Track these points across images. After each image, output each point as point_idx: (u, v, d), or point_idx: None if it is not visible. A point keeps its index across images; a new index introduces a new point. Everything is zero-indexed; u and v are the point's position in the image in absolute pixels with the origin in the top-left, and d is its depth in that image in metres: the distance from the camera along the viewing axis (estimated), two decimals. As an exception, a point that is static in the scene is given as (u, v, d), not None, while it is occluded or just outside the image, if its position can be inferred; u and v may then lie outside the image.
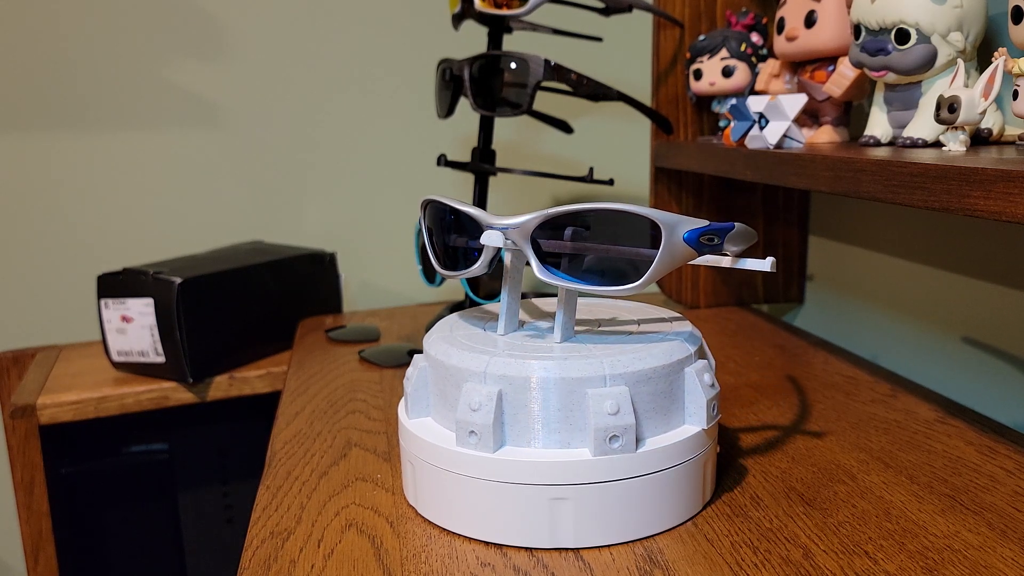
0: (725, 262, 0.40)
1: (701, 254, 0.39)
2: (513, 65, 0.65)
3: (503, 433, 0.38)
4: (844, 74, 0.60)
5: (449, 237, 0.44)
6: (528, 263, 0.41)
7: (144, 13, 0.86)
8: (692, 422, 0.40)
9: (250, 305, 0.77)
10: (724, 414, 0.54)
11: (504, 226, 0.40)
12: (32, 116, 0.85)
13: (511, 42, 0.94)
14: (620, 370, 0.38)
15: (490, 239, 0.40)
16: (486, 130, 0.71)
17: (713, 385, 0.40)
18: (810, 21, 0.60)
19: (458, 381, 0.39)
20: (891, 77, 0.53)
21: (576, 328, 0.44)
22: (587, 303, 0.50)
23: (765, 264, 0.39)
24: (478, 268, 0.42)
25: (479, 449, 0.38)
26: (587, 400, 0.37)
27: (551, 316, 0.47)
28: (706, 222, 0.38)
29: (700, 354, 0.42)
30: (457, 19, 0.69)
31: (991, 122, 0.50)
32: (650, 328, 0.44)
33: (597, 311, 0.48)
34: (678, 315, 0.46)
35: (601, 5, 0.72)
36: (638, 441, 0.38)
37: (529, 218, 0.39)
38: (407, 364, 0.67)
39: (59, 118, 0.86)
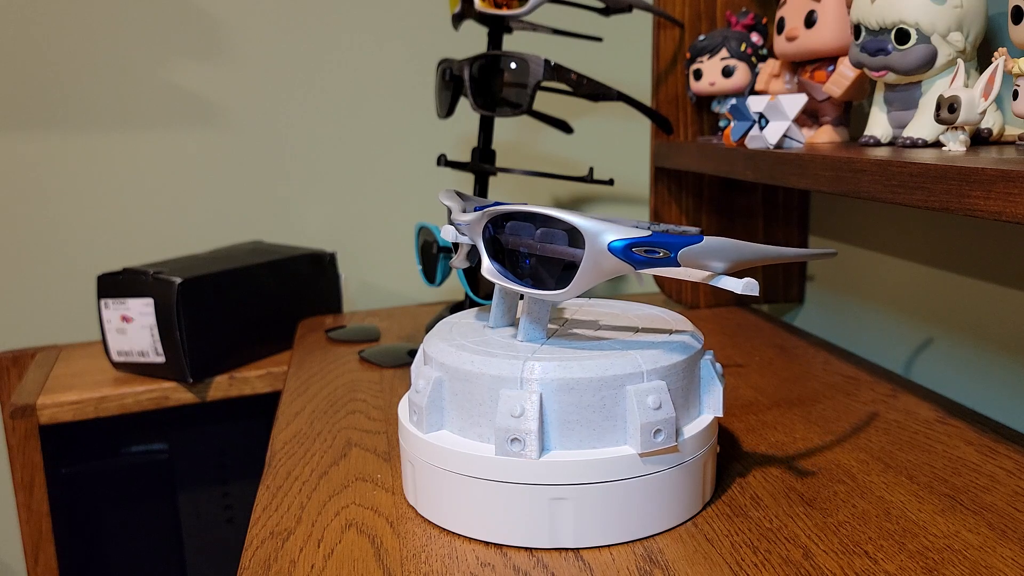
0: (696, 276, 0.38)
1: (637, 266, 0.37)
2: (513, 65, 0.65)
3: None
4: (844, 74, 0.60)
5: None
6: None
7: (144, 13, 0.86)
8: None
9: (250, 305, 0.77)
10: (724, 414, 0.54)
11: (460, 222, 0.41)
12: (32, 116, 0.85)
13: (511, 42, 0.94)
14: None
15: (447, 233, 0.42)
16: (486, 130, 0.71)
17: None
18: (810, 21, 0.60)
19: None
20: (891, 77, 0.53)
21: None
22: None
23: (738, 285, 0.36)
24: (457, 260, 0.44)
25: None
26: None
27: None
28: (642, 233, 0.36)
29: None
30: (457, 19, 0.69)
31: (991, 122, 0.50)
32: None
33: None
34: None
35: (601, 5, 0.72)
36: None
37: (476, 216, 0.40)
38: (407, 364, 0.67)
39: (59, 118, 0.86)
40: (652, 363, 0.38)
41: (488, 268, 0.40)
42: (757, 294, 0.37)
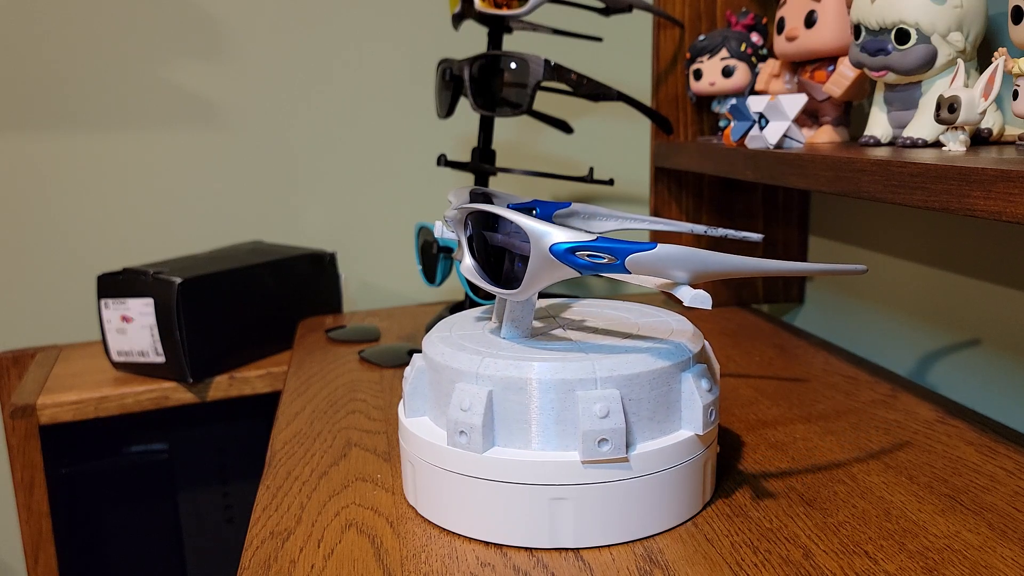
0: (656, 283, 0.38)
1: (581, 270, 0.37)
2: (513, 65, 0.65)
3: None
4: (844, 74, 0.60)
5: None
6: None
7: (144, 13, 0.86)
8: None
9: (250, 305, 0.77)
10: (724, 414, 0.54)
11: (448, 218, 0.42)
12: (33, 116, 0.85)
13: (511, 42, 0.94)
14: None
15: (437, 229, 0.44)
16: (486, 130, 0.71)
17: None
18: (810, 21, 0.60)
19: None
20: (891, 77, 0.53)
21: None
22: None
23: (687, 296, 0.35)
24: (458, 254, 0.45)
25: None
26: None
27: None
28: (586, 237, 0.36)
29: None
30: (457, 19, 0.69)
31: (991, 122, 0.50)
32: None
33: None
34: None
35: (601, 5, 0.72)
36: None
37: (455, 213, 0.41)
38: (407, 364, 0.67)
39: (59, 118, 0.86)
40: (609, 371, 0.37)
41: (465, 265, 0.41)
42: (708, 307, 0.35)
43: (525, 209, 0.49)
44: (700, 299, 0.35)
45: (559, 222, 0.49)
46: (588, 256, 0.36)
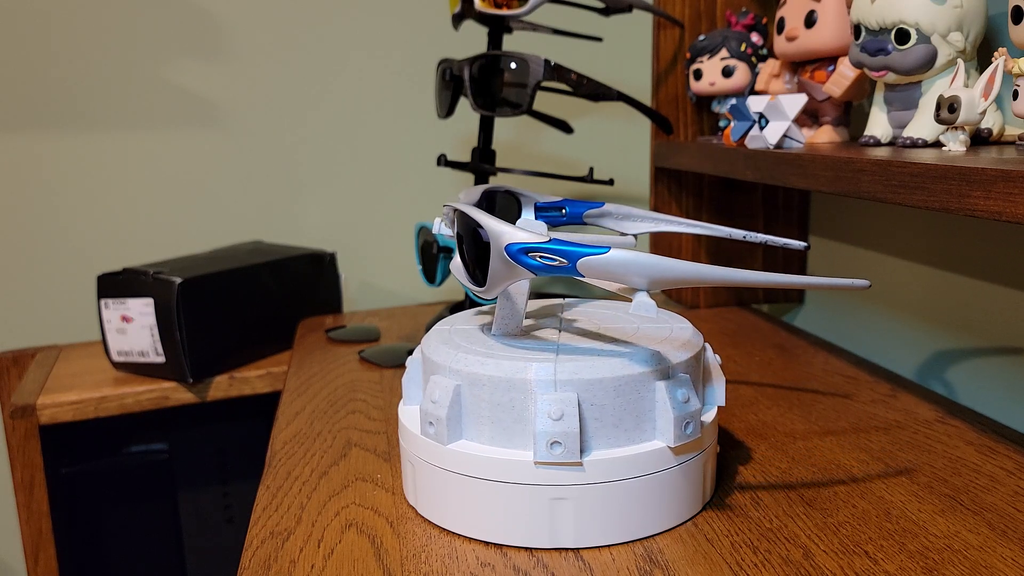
0: (613, 287, 0.38)
1: (535, 271, 0.36)
2: (513, 65, 0.65)
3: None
4: (844, 74, 0.60)
5: None
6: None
7: (144, 13, 0.86)
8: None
9: (250, 305, 0.77)
10: (724, 414, 0.54)
11: (445, 215, 0.43)
12: (32, 116, 0.85)
13: (511, 42, 0.94)
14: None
15: (435, 226, 0.45)
16: (486, 130, 0.71)
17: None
18: (810, 21, 0.60)
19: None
20: (891, 77, 0.53)
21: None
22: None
23: (641, 305, 0.34)
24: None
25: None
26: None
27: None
28: (539, 238, 0.35)
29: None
30: (457, 19, 0.69)
31: (991, 122, 0.50)
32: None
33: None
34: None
35: (601, 5, 0.72)
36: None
37: (447, 210, 0.42)
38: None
39: (59, 118, 0.86)
40: (570, 374, 0.37)
41: (454, 263, 0.42)
42: (652, 315, 0.34)
43: (554, 208, 0.48)
44: (643, 307, 0.34)
45: (589, 222, 0.48)
46: (540, 258, 0.35)
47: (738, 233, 0.46)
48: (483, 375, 0.38)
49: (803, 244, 0.46)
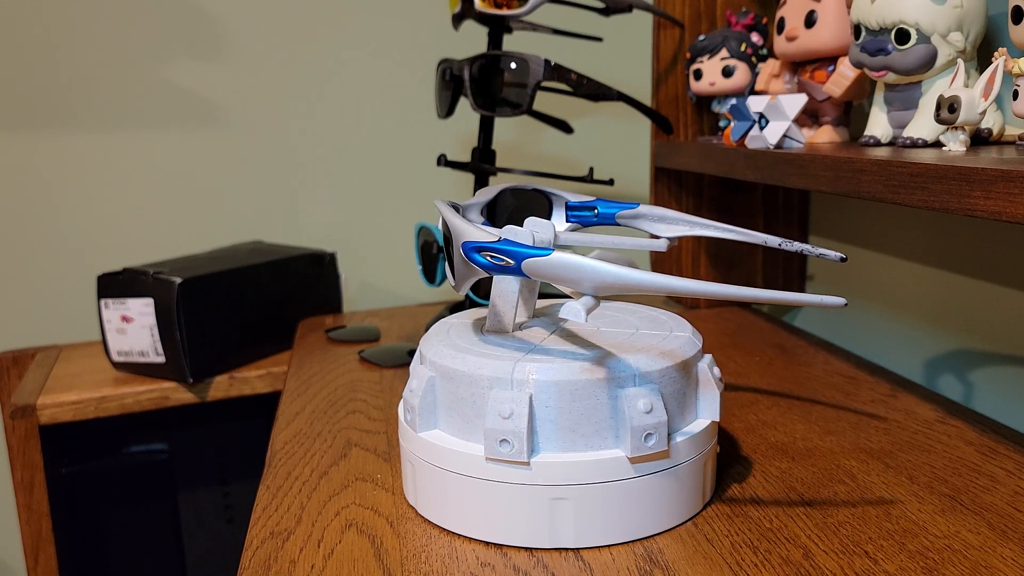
0: (566, 289, 0.38)
1: (487, 271, 0.37)
2: (513, 65, 0.65)
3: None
4: (844, 74, 0.60)
5: None
6: None
7: (143, 13, 0.86)
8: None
9: (250, 305, 0.77)
10: (724, 414, 0.54)
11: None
12: (32, 116, 0.85)
13: (511, 42, 0.94)
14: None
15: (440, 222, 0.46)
16: (486, 130, 0.71)
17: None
18: (810, 21, 0.60)
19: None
20: (891, 77, 0.53)
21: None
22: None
23: (569, 310, 0.34)
24: None
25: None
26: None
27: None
28: (489, 238, 0.36)
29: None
30: (457, 19, 0.69)
31: (991, 122, 0.50)
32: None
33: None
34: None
35: (601, 5, 0.72)
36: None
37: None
38: (407, 364, 0.67)
39: (59, 118, 0.86)
40: (527, 374, 0.37)
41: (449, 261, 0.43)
42: (580, 320, 0.34)
43: (586, 208, 0.48)
44: (572, 312, 0.34)
45: (623, 223, 0.48)
46: (491, 257, 0.36)
47: (773, 240, 0.44)
48: (451, 369, 0.39)
49: (840, 256, 0.43)
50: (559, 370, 0.37)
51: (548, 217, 0.49)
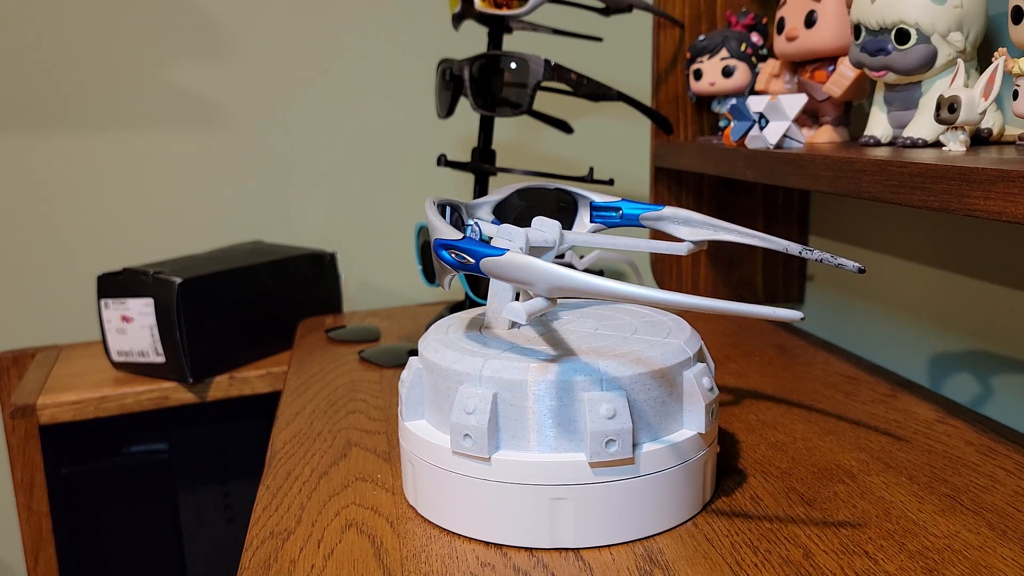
0: (531, 291, 0.38)
1: (453, 268, 0.37)
2: (513, 65, 0.65)
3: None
4: (844, 74, 0.60)
5: None
6: None
7: (144, 13, 0.86)
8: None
9: (250, 305, 0.77)
10: (724, 414, 0.54)
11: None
12: (32, 116, 0.85)
13: (511, 42, 0.94)
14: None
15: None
16: (486, 130, 0.71)
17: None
18: (810, 21, 0.60)
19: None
20: (891, 77, 0.53)
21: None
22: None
23: (511, 310, 0.34)
24: None
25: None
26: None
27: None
28: (455, 236, 0.36)
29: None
30: (457, 19, 0.69)
31: (991, 122, 0.50)
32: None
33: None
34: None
35: (601, 5, 0.72)
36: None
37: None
38: (407, 364, 0.67)
39: (59, 118, 0.86)
40: (493, 371, 0.38)
41: None
42: (521, 321, 0.34)
43: (611, 209, 0.47)
44: (514, 312, 0.34)
45: (647, 225, 0.47)
46: (455, 255, 0.37)
47: (795, 248, 0.43)
48: (432, 362, 0.40)
49: (858, 266, 0.42)
50: (522, 370, 0.37)
51: (573, 217, 0.48)
